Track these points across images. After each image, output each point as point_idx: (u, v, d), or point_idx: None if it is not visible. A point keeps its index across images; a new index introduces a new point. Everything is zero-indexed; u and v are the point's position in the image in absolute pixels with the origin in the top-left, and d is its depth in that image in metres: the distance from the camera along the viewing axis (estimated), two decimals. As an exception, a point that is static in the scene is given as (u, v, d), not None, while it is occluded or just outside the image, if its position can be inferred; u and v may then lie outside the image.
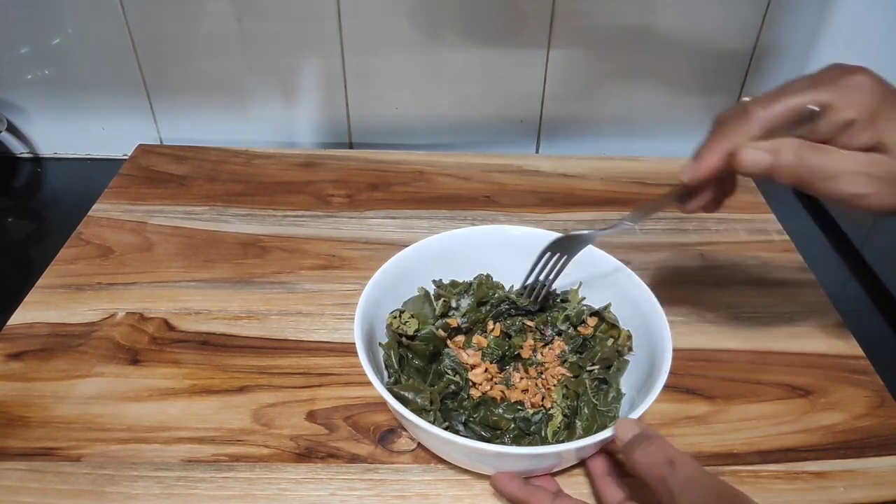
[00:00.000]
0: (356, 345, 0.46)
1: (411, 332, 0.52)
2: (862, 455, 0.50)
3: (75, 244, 0.68)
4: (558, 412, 0.49)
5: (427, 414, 0.46)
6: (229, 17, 0.76)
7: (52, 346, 0.57)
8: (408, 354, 0.52)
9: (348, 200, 0.75)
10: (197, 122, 0.84)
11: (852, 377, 0.56)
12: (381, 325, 0.52)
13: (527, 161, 0.82)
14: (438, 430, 0.42)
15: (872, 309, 0.66)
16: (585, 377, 0.51)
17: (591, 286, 0.56)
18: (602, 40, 0.78)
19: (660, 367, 0.46)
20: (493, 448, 0.43)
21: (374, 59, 0.79)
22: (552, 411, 0.50)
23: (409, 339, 0.52)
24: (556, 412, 0.49)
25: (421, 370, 0.52)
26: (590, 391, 0.49)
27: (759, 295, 0.64)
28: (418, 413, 0.44)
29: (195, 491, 0.47)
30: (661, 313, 0.49)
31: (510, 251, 0.56)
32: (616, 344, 0.52)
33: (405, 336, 0.52)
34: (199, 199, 0.74)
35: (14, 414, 0.52)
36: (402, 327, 0.52)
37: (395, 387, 0.47)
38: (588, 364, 0.51)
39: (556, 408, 0.50)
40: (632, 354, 0.52)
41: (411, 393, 0.47)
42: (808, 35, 0.78)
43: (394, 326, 0.52)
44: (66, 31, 0.77)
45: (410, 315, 0.53)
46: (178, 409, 0.52)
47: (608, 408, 0.49)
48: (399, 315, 0.53)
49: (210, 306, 0.61)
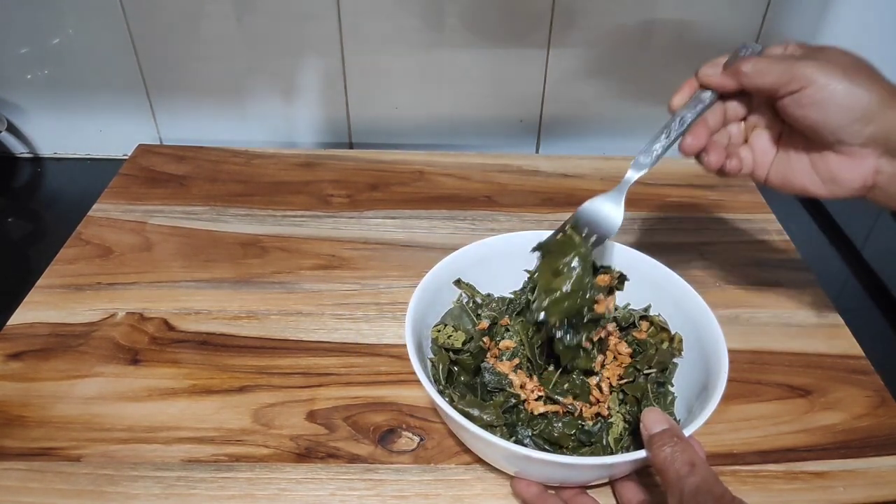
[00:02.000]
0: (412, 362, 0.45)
1: (459, 345, 0.50)
2: (862, 455, 0.50)
3: (75, 244, 0.68)
4: (619, 419, 0.48)
5: (495, 430, 0.46)
6: (229, 17, 0.76)
7: (52, 346, 0.57)
8: (454, 368, 0.51)
9: (348, 200, 0.75)
10: (197, 122, 0.84)
11: (852, 377, 0.56)
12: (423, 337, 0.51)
13: (527, 161, 0.82)
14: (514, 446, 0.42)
15: (872, 309, 0.66)
16: (642, 380, 0.49)
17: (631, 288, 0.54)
18: (602, 40, 0.78)
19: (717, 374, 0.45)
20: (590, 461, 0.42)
21: (374, 59, 0.79)
22: (611, 419, 0.48)
23: (455, 353, 0.51)
24: (617, 419, 0.48)
25: (469, 385, 0.50)
26: (651, 395, 0.48)
27: (759, 295, 0.64)
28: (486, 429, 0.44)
29: (195, 491, 0.47)
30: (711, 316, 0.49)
31: None
32: (671, 347, 0.51)
33: (451, 350, 0.50)
34: (199, 199, 0.74)
35: (14, 414, 0.52)
36: (448, 341, 0.50)
37: (460, 403, 0.47)
38: (645, 367, 0.50)
39: (616, 415, 0.48)
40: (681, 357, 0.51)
41: (476, 409, 0.46)
42: (808, 36, 0.78)
43: (440, 341, 0.51)
44: (66, 31, 0.77)
45: (454, 328, 0.51)
46: (178, 409, 0.52)
47: (668, 411, 0.49)
48: (443, 328, 0.51)
49: (210, 306, 0.61)
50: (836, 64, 0.43)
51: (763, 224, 0.73)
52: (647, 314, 0.54)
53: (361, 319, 0.60)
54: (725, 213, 0.73)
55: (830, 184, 0.46)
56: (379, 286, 0.64)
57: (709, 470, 0.37)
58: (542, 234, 0.56)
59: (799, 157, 0.47)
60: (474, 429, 0.42)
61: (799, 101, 0.43)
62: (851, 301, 0.66)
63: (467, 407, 0.47)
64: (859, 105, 0.42)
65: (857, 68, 0.43)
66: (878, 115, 0.42)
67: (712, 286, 0.64)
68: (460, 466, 0.49)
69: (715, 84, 0.48)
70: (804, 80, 0.43)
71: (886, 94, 0.42)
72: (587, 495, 0.45)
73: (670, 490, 0.37)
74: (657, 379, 0.50)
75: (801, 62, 0.43)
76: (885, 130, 0.42)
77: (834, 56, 0.44)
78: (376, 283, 0.64)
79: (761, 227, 0.72)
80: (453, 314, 0.53)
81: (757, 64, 0.45)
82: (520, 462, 0.44)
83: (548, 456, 0.41)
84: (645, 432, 0.41)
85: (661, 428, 0.40)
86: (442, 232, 0.70)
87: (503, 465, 0.47)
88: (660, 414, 0.42)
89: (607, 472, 0.45)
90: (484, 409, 0.47)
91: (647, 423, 0.41)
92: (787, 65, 0.44)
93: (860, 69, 0.43)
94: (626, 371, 0.51)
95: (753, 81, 0.45)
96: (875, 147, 0.43)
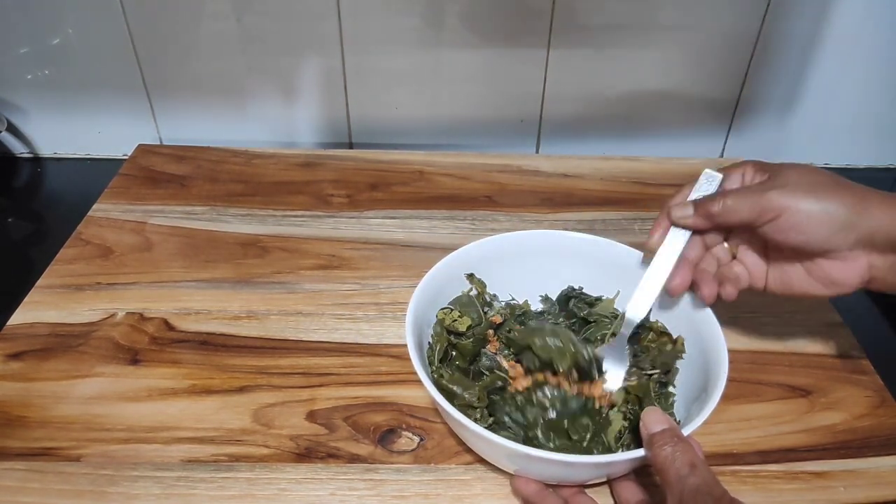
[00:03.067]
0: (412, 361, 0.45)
1: (462, 330, 0.51)
2: (862, 455, 0.50)
3: (75, 244, 0.68)
4: (618, 416, 0.48)
5: (475, 411, 0.46)
6: (229, 17, 0.76)
7: (52, 346, 0.57)
8: (452, 352, 0.52)
9: (348, 200, 0.75)
10: (197, 122, 0.84)
11: (852, 377, 0.56)
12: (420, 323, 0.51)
13: (527, 161, 0.82)
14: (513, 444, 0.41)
15: (872, 309, 0.66)
16: (645, 380, 0.50)
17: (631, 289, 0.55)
18: (602, 40, 0.78)
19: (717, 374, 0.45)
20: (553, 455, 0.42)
21: (374, 59, 0.79)
22: (611, 416, 0.48)
23: (457, 337, 0.52)
24: (616, 416, 0.48)
25: (464, 370, 0.51)
26: (653, 394, 0.49)
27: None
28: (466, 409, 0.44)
29: (195, 491, 0.47)
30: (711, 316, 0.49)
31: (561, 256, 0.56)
32: (675, 349, 0.51)
33: (454, 333, 0.51)
34: (199, 199, 0.74)
35: (14, 414, 0.52)
36: (453, 324, 0.51)
37: (442, 380, 0.47)
38: (648, 367, 0.51)
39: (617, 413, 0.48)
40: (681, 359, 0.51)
41: (459, 387, 0.47)
42: (808, 36, 0.78)
43: (446, 322, 0.51)
44: (66, 31, 0.77)
45: (460, 314, 0.52)
46: (178, 409, 0.52)
47: (668, 411, 0.49)
48: (450, 311, 0.52)
49: (210, 306, 0.61)
50: (800, 185, 0.44)
51: (763, 224, 0.73)
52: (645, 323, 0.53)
53: (361, 319, 0.60)
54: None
55: (830, 286, 0.47)
56: (379, 286, 0.64)
57: (708, 471, 0.38)
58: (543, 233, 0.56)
59: (792, 267, 0.48)
60: (474, 427, 0.42)
61: (777, 227, 0.45)
62: (851, 301, 0.66)
63: (451, 384, 0.47)
64: (837, 219, 0.43)
65: (823, 184, 0.44)
66: (857, 221, 0.43)
67: (712, 286, 0.64)
68: (460, 466, 0.49)
69: (690, 225, 0.49)
70: (775, 209, 0.44)
71: (857, 199, 0.43)
72: (585, 495, 0.45)
73: (670, 490, 0.37)
74: (660, 379, 0.50)
75: (767, 193, 0.44)
76: (868, 233, 0.43)
77: (797, 177, 0.45)
78: (376, 283, 0.64)
79: (761, 227, 0.72)
80: (461, 301, 0.54)
81: (725, 202, 0.46)
82: (519, 460, 0.44)
83: (547, 454, 0.41)
84: (645, 431, 0.41)
85: (662, 428, 0.40)
86: (442, 232, 0.71)
87: (503, 462, 0.47)
88: (660, 414, 0.42)
89: (606, 470, 0.45)
90: (467, 388, 0.47)
91: (647, 423, 0.41)
92: (754, 199, 0.45)
93: (825, 184, 0.44)
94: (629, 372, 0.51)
95: (727, 220, 0.47)
96: (863, 248, 0.45)
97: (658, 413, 0.42)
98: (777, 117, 0.85)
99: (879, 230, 0.43)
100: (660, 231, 0.50)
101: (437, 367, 0.50)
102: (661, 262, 0.49)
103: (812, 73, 0.81)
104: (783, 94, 0.83)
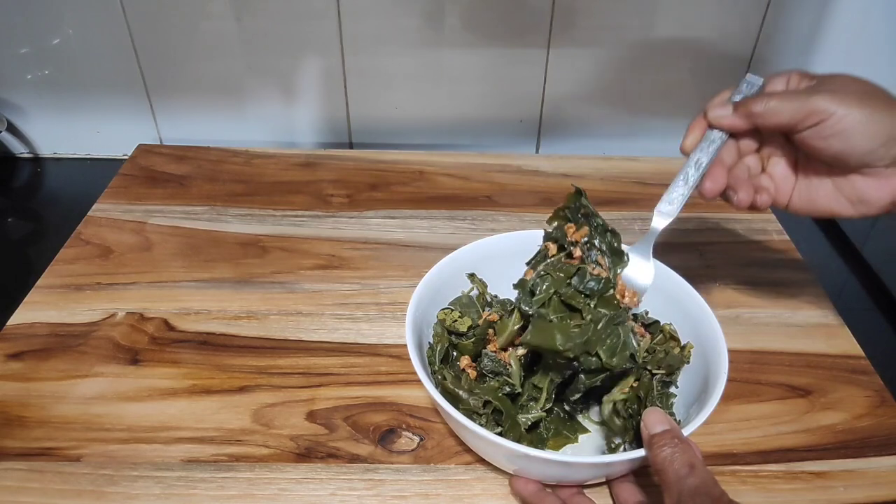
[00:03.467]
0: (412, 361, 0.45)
1: (463, 330, 0.51)
2: (862, 455, 0.50)
3: (75, 244, 0.68)
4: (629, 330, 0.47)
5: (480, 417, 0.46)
6: (229, 17, 0.76)
7: (51, 346, 0.57)
8: (452, 353, 0.52)
9: (348, 200, 0.75)
10: (197, 122, 0.84)
11: (852, 377, 0.56)
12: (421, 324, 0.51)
13: (527, 161, 0.82)
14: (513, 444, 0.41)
15: (872, 309, 0.66)
16: (648, 379, 0.49)
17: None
18: (602, 40, 0.78)
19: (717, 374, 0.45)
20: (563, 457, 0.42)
21: (374, 59, 0.79)
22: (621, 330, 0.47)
23: (458, 337, 0.51)
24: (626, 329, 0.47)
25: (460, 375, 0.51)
26: (655, 394, 0.49)
27: (759, 295, 0.64)
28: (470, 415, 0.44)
29: (195, 491, 0.47)
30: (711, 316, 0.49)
31: None
32: (682, 354, 0.51)
33: (455, 333, 0.51)
34: (199, 199, 0.74)
35: (14, 414, 0.51)
36: (454, 324, 0.51)
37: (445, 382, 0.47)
38: (654, 367, 0.50)
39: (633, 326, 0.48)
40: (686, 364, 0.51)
41: (464, 392, 0.47)
42: (808, 36, 0.78)
43: (447, 322, 0.51)
44: (66, 31, 0.77)
45: (460, 314, 0.52)
46: (178, 409, 0.52)
47: (669, 412, 0.49)
48: (450, 312, 0.52)
49: (210, 306, 0.61)
50: (850, 92, 0.42)
51: (763, 224, 0.73)
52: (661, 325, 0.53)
53: (361, 319, 0.60)
54: (725, 212, 0.73)
55: (858, 204, 0.46)
56: (379, 286, 0.64)
57: (707, 472, 0.38)
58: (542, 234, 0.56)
59: (821, 182, 0.47)
60: (474, 427, 0.42)
61: (819, 133, 0.43)
62: (851, 301, 0.66)
63: (455, 387, 0.47)
64: (882, 130, 0.42)
65: (872, 94, 0.43)
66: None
67: (712, 286, 0.64)
68: (460, 466, 0.49)
69: (727, 126, 0.47)
70: (822, 113, 0.42)
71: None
72: (584, 495, 0.45)
73: (669, 490, 0.37)
74: (663, 379, 0.50)
75: (814, 95, 0.43)
76: None
77: (846, 84, 0.43)
78: (376, 283, 0.64)
79: (761, 227, 0.72)
80: (461, 302, 0.54)
81: (769, 103, 0.44)
82: (518, 460, 0.44)
83: (546, 454, 0.41)
84: (645, 432, 0.41)
85: (662, 428, 0.40)
86: (442, 232, 0.71)
87: (502, 463, 0.47)
88: (661, 414, 0.42)
89: (605, 471, 0.45)
90: (472, 393, 0.47)
91: (647, 423, 0.41)
92: (800, 100, 0.43)
93: (875, 94, 0.43)
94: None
95: (768, 121, 0.45)
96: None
97: (659, 414, 0.42)
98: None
99: None
100: (696, 132, 0.48)
101: (439, 367, 0.50)
102: (695, 163, 0.48)
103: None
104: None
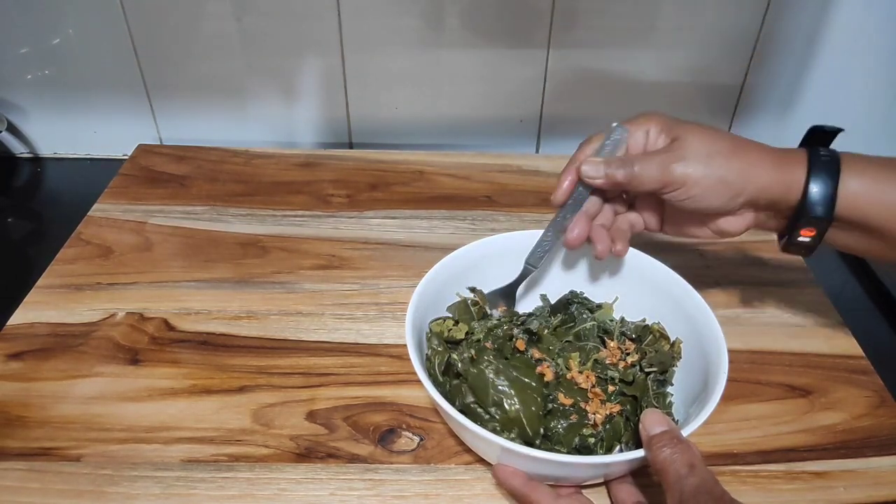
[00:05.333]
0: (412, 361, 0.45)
1: (461, 337, 0.51)
2: (862, 455, 0.50)
3: (75, 244, 0.68)
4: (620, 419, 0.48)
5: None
6: (229, 17, 0.76)
7: (51, 346, 0.57)
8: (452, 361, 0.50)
9: (348, 200, 0.75)
10: (197, 122, 0.84)
11: (852, 377, 0.56)
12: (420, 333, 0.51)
13: (527, 161, 0.82)
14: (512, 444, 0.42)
15: (872, 309, 0.66)
16: (642, 378, 0.49)
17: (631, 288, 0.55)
18: (602, 40, 0.78)
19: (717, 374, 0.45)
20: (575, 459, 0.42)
21: (374, 59, 0.79)
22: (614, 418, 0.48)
23: (455, 346, 0.51)
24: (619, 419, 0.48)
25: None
26: (651, 394, 0.49)
27: (759, 295, 0.64)
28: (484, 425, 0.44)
29: (195, 491, 0.47)
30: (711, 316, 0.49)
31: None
32: (672, 350, 0.51)
33: (452, 342, 0.51)
34: (199, 199, 0.74)
35: (14, 414, 0.52)
36: (449, 334, 0.51)
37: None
38: (647, 366, 0.50)
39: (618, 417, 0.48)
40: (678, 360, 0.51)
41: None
42: (808, 36, 0.78)
43: (443, 334, 0.51)
44: (66, 31, 0.77)
45: (455, 322, 0.52)
46: (178, 409, 0.52)
47: (666, 411, 0.49)
48: (444, 321, 0.52)
49: (210, 306, 0.61)
50: (700, 156, 0.47)
51: (763, 224, 0.73)
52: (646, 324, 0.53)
53: (361, 319, 0.60)
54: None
55: (720, 234, 0.51)
56: (379, 286, 0.64)
57: (708, 471, 0.38)
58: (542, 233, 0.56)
59: (688, 216, 0.52)
60: (474, 427, 0.42)
61: (677, 196, 0.48)
62: (851, 301, 0.66)
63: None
64: (728, 189, 0.47)
65: (718, 153, 0.47)
66: (745, 187, 0.47)
67: (712, 286, 0.64)
68: (460, 466, 0.49)
69: (598, 185, 0.51)
70: (677, 182, 0.47)
71: (744, 164, 0.47)
72: (583, 495, 0.45)
73: (670, 490, 0.38)
74: (657, 378, 0.50)
75: (671, 167, 0.47)
76: (752, 197, 0.48)
77: (696, 146, 0.48)
78: (376, 283, 0.64)
79: (761, 227, 0.72)
80: (458, 308, 0.53)
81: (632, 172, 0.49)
82: (518, 460, 0.44)
83: (546, 454, 0.41)
84: (644, 433, 0.41)
85: (661, 429, 0.40)
86: (442, 232, 0.71)
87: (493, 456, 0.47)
88: (660, 415, 0.42)
89: (604, 471, 0.45)
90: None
91: (646, 424, 0.41)
92: (659, 170, 0.48)
93: (720, 152, 0.47)
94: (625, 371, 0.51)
95: (632, 188, 0.50)
96: (749, 207, 0.49)
97: (658, 414, 0.42)
98: (777, 116, 0.85)
99: (762, 193, 0.47)
100: (566, 184, 0.52)
101: (443, 380, 0.49)
102: (562, 217, 0.52)
103: (813, 71, 0.81)
104: (783, 93, 0.83)
